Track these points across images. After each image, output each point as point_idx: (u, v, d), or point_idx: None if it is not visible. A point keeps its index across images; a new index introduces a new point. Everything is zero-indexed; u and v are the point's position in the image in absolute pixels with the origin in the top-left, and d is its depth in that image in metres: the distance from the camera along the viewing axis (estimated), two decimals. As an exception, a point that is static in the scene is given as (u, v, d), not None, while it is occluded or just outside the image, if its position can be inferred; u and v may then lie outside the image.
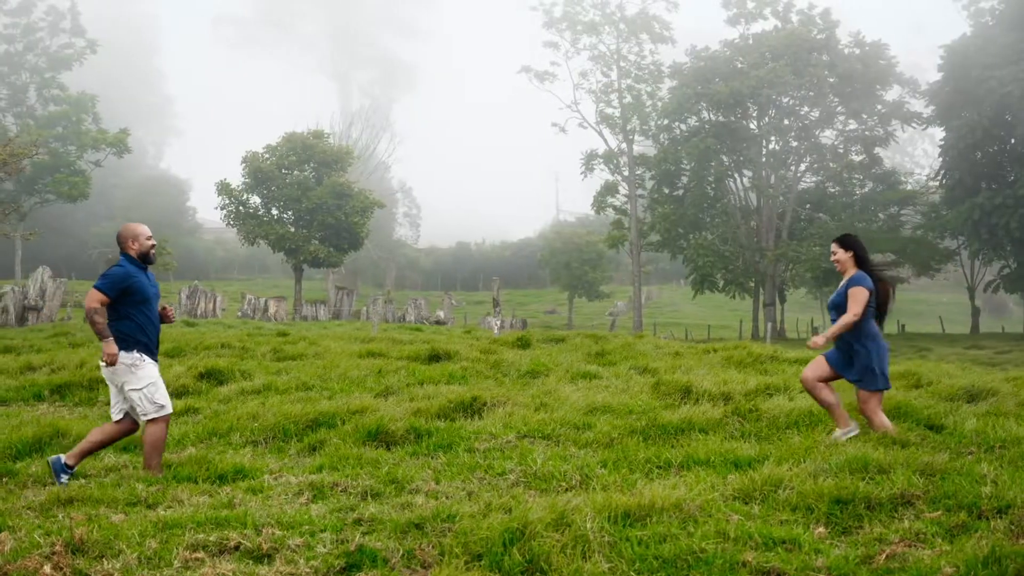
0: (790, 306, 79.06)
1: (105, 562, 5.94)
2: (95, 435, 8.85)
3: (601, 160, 68.17)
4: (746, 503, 6.95)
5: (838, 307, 9.30)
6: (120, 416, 8.83)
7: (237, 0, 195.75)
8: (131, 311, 8.70)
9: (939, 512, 6.53)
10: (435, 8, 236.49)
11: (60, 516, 7.08)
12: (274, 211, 56.20)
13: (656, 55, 69.09)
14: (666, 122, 65.60)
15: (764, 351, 17.77)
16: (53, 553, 5.95)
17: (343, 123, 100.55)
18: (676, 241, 64.19)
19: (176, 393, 13.87)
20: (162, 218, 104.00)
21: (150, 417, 8.64)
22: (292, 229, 55.50)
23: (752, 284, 63.49)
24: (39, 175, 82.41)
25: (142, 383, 8.62)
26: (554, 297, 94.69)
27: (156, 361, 8.93)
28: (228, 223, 57.52)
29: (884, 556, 5.77)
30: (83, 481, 8.51)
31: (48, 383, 14.81)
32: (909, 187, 68.30)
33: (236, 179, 56.34)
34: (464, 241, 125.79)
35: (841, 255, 9.43)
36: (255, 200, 56.38)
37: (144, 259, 8.97)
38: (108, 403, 13.40)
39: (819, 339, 9.12)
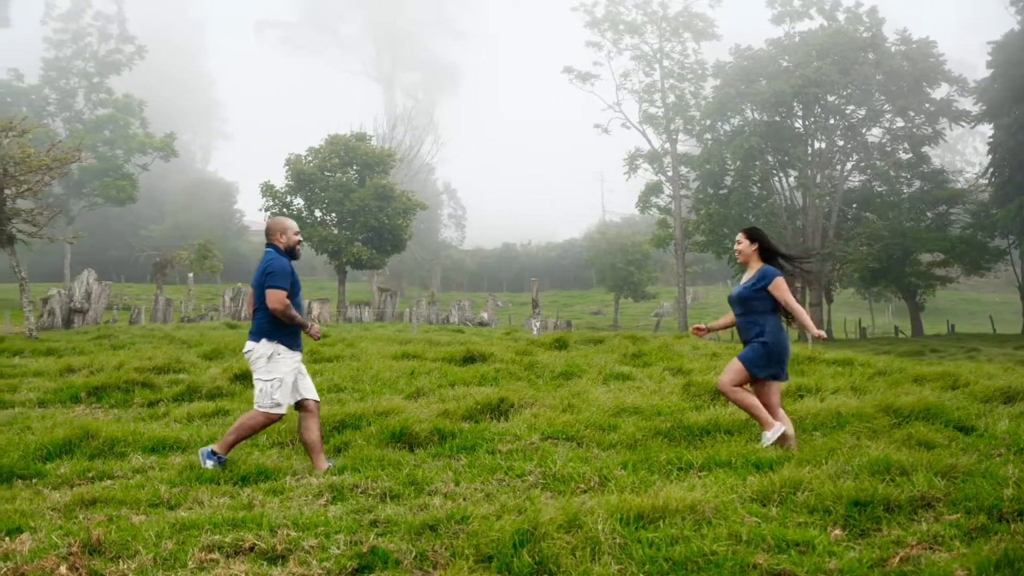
0: (838, 306, 78.58)
1: (121, 563, 5.99)
2: (310, 432, 9.02)
3: (645, 160, 68.04)
4: (764, 505, 6.89)
5: (743, 300, 9.22)
6: (294, 401, 9.05)
7: (281, 4, 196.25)
8: None
9: (958, 515, 6.45)
10: (478, 10, 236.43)
11: (81, 517, 7.14)
12: (317, 213, 56.17)
13: (699, 54, 68.97)
14: (709, 122, 65.36)
15: (802, 352, 17.64)
16: (70, 554, 5.99)
17: (387, 125, 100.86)
18: (721, 241, 63.89)
19: (210, 395, 14.06)
20: (209, 221, 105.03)
21: (262, 409, 8.83)
22: (335, 231, 55.44)
23: (799, 284, 63.02)
24: (87, 179, 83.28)
25: (270, 376, 8.83)
26: (600, 298, 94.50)
27: (300, 351, 9.14)
28: (272, 225, 57.77)
29: (898, 559, 5.71)
30: (109, 482, 8.58)
31: (85, 385, 14.91)
32: (958, 186, 67.45)
33: (280, 181, 56.64)
34: (510, 242, 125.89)
35: (745, 246, 9.40)
36: (298, 202, 56.38)
37: (291, 253, 9.22)
38: (144, 405, 13.62)
39: (821, 332, 9.06)
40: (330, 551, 6.17)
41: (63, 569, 5.83)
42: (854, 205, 65.47)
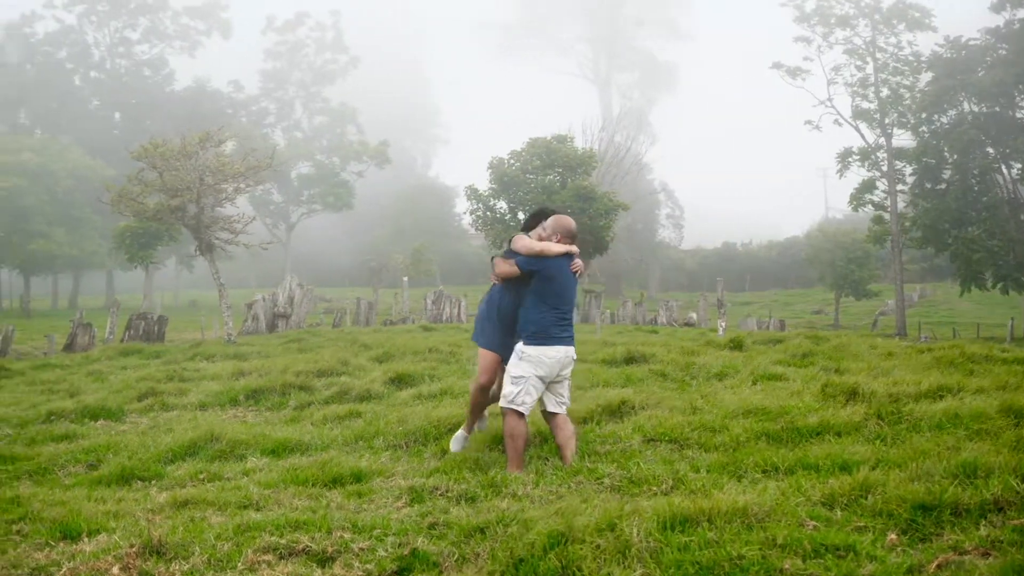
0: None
1: (175, 564, 6.16)
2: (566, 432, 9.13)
3: (857, 156, 66.29)
4: (830, 508, 6.69)
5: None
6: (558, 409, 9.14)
7: (499, 6, 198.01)
8: None
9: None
10: (693, 9, 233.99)
11: (158, 518, 7.38)
12: (520, 215, 56.22)
13: (914, 45, 66.88)
14: (925, 115, 63.26)
15: (979, 351, 16.92)
16: (126, 554, 6.19)
17: (599, 126, 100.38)
18: (941, 237, 61.87)
19: (359, 398, 14.35)
20: (429, 225, 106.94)
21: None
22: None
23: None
24: (305, 185, 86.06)
25: None
26: (821, 297, 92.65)
27: None
28: (475, 228, 58.49)
29: (935, 564, 5.51)
30: (211, 485, 8.84)
31: (244, 388, 15.42)
32: None
33: (484, 184, 57.25)
34: (730, 241, 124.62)
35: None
36: (501, 205, 56.85)
37: None
38: (297, 407, 13.98)
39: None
40: (377, 553, 6.25)
41: (115, 570, 6.05)
42: (1083, 196, 62.48)
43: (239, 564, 6.14)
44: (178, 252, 72.17)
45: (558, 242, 9.11)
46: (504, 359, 9.18)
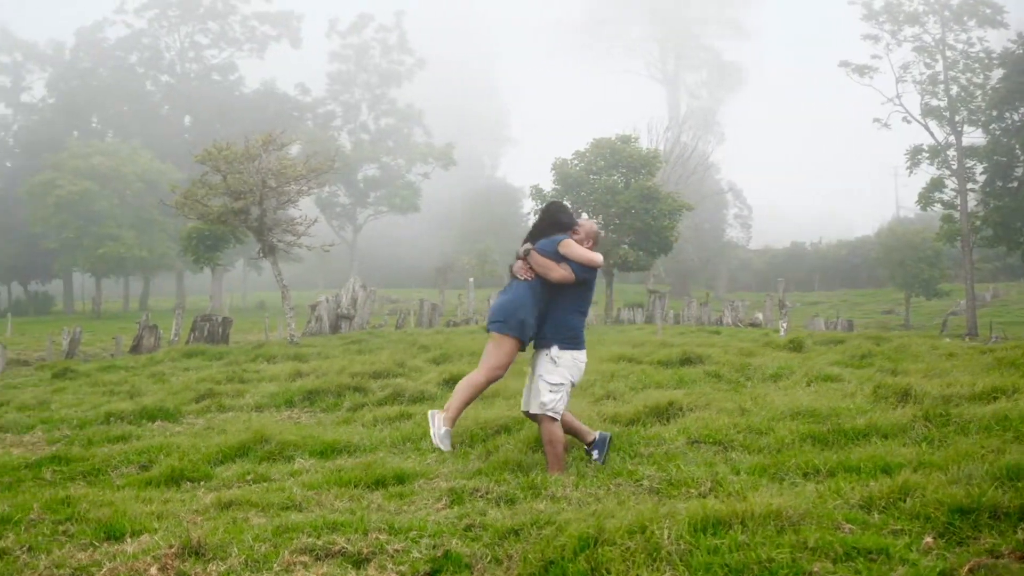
0: None
1: (212, 564, 6.21)
2: (570, 419, 9.23)
3: (927, 154, 65.46)
4: (868, 511, 6.62)
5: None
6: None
7: (565, 6, 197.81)
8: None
9: (1063, 522, 6.07)
10: (759, 7, 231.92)
11: (200, 519, 7.47)
12: (584, 216, 56.05)
13: (985, 41, 65.91)
14: (996, 112, 62.36)
15: (1045, 351, 16.72)
16: (164, 555, 6.25)
17: (665, 125, 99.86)
18: (1012, 236, 60.94)
19: (412, 399, 14.36)
20: (496, 226, 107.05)
21: None
22: (601, 233, 54.93)
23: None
24: (372, 187, 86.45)
25: None
26: (891, 297, 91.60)
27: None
28: (535, 228, 58.60)
29: (967, 568, 5.43)
30: (257, 486, 8.91)
31: (300, 389, 15.53)
32: None
33: (548, 185, 57.08)
34: (799, 241, 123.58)
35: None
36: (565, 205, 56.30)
37: None
38: (351, 408, 14.07)
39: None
40: (411, 555, 6.27)
41: (154, 570, 6.10)
42: None
43: (275, 565, 6.17)
44: (245, 254, 72.89)
45: (590, 248, 9.16)
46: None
